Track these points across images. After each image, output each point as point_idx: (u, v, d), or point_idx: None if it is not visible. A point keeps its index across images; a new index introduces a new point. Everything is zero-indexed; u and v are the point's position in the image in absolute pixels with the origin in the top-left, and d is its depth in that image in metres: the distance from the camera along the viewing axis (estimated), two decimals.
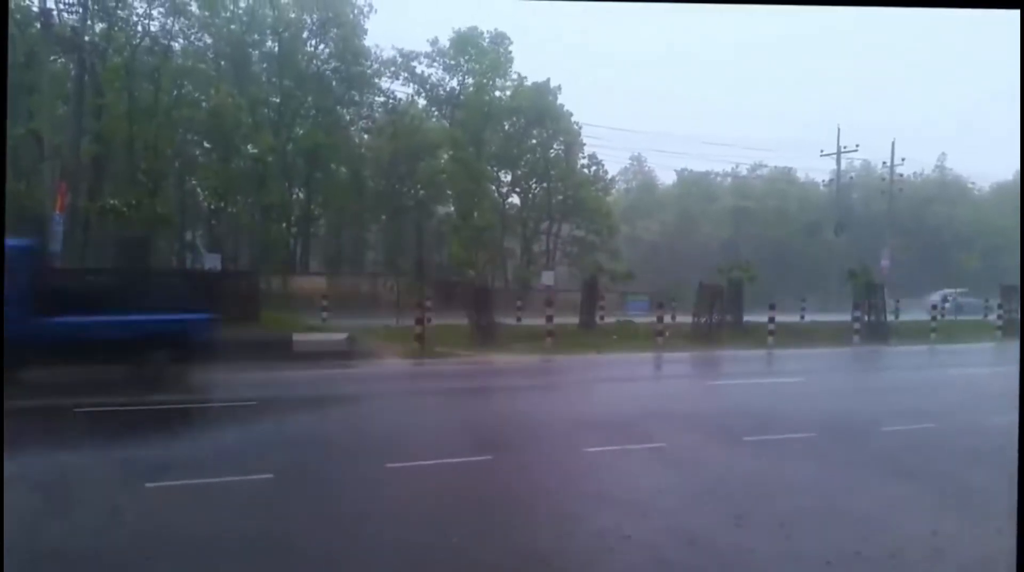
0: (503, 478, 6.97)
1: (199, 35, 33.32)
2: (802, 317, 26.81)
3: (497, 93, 38.62)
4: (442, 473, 6.97)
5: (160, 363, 10.91)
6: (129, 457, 7.40)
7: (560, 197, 40.15)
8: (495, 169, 40.09)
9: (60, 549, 4.95)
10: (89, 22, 28.45)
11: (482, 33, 37.36)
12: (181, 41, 32.92)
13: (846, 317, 24.05)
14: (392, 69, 38.10)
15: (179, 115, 32.42)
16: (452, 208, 39.01)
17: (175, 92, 32.49)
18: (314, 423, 9.65)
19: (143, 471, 6.70)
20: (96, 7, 28.87)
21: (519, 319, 23.17)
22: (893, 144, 44.05)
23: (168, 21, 31.51)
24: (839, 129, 44.68)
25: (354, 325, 18.22)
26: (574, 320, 21.94)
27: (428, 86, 38.82)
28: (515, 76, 38.64)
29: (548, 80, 38.46)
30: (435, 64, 38.36)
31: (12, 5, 25.32)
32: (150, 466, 6.89)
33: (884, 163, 45.52)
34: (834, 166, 46.44)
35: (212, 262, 24.01)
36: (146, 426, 9.06)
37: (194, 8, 31.72)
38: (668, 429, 9.19)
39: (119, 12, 29.96)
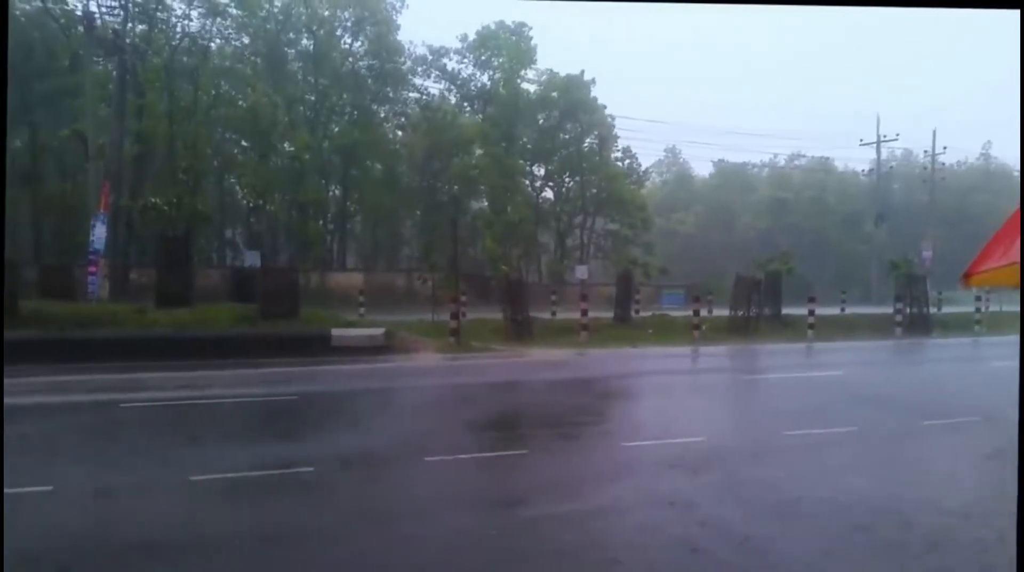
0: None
1: (236, 35, 33.92)
2: (843, 310, 26.38)
3: (525, 85, 38.61)
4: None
5: None
6: None
7: (594, 190, 40.03)
8: (528, 163, 40.10)
9: None
10: (130, 24, 29.12)
11: (504, 24, 37.37)
12: (219, 41, 33.63)
13: (888, 309, 23.63)
14: (423, 66, 38.34)
15: (217, 114, 33.10)
16: (486, 203, 39.13)
17: (213, 92, 33.14)
18: (345, 417, 9.76)
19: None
20: (136, 10, 29.49)
21: (554, 313, 23.12)
22: (934, 133, 43.16)
23: (206, 22, 32.19)
24: (879, 118, 43.84)
25: (391, 320, 18.38)
26: (609, 314, 21.85)
27: (459, 82, 38.97)
28: (544, 68, 38.68)
29: (582, 73, 38.36)
30: (465, 60, 38.52)
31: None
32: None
33: (925, 152, 44.49)
34: (874, 156, 45.53)
35: (252, 259, 24.44)
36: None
37: (232, 9, 32.25)
38: (706, 425, 9.14)
39: (159, 14, 30.62)
